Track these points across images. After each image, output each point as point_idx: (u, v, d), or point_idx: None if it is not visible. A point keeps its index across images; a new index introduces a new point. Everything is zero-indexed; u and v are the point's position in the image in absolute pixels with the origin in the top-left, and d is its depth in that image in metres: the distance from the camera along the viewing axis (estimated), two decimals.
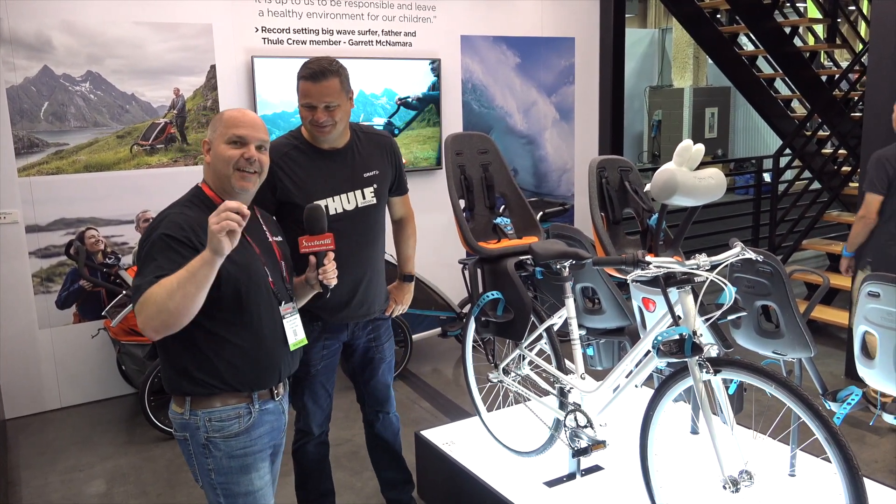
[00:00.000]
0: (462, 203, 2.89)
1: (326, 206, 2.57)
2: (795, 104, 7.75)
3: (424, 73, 5.26)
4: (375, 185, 2.69)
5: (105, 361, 4.61)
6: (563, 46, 5.98)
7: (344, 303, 2.67)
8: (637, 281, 2.42)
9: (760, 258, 2.40)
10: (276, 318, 2.08)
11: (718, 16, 6.98)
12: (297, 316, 2.17)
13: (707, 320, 2.24)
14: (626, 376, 2.50)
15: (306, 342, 2.22)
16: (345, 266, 2.61)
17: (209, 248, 1.76)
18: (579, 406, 2.62)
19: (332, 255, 2.21)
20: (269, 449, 2.11)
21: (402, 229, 2.97)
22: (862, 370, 2.48)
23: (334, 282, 2.22)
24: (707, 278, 2.14)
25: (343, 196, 2.62)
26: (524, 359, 2.89)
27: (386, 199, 2.79)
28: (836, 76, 6.61)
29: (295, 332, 2.14)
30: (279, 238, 2.23)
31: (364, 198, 2.66)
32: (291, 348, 2.14)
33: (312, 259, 2.19)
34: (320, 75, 2.44)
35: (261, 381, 2.04)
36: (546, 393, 2.85)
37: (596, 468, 2.90)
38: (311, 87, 2.45)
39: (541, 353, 2.89)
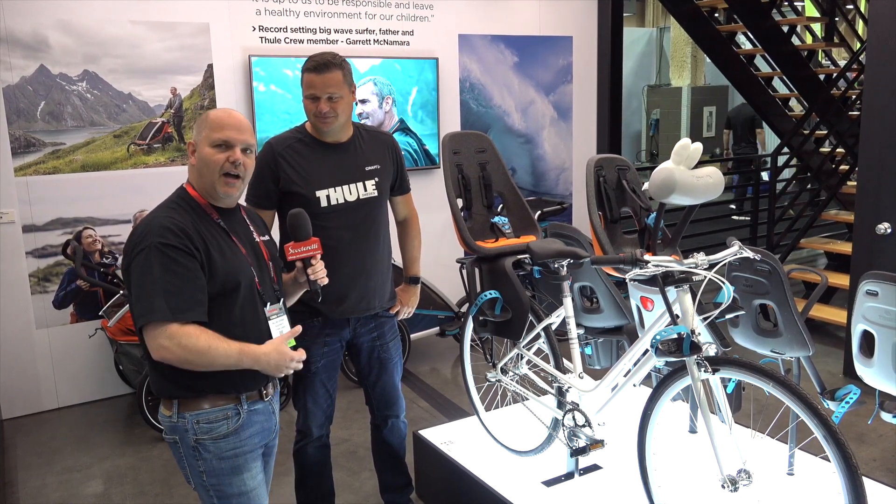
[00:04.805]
0: (460, 202, 2.88)
1: (328, 196, 2.61)
2: (793, 103, 7.75)
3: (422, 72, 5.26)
4: (377, 179, 2.72)
5: (102, 361, 4.60)
6: (560, 45, 5.97)
7: (343, 296, 2.67)
8: (635, 280, 2.41)
9: (758, 257, 2.40)
10: (262, 319, 2.04)
11: (716, 14, 6.98)
12: (285, 317, 2.12)
13: (705, 319, 2.24)
14: (625, 375, 2.50)
15: (294, 343, 2.14)
16: (343, 256, 2.61)
17: (263, 364, 1.91)
18: (577, 405, 2.62)
19: (318, 256, 2.19)
20: (260, 449, 2.09)
21: (407, 231, 2.97)
22: (860, 369, 2.48)
23: (325, 281, 2.20)
24: (705, 277, 2.13)
25: (345, 187, 2.65)
26: (522, 358, 2.88)
27: (387, 195, 2.81)
28: (834, 75, 6.60)
29: (281, 332, 2.07)
30: (266, 237, 2.19)
31: (366, 190, 2.69)
32: None
33: (299, 264, 2.18)
34: (324, 67, 2.52)
35: (246, 382, 2.01)
36: (544, 392, 2.84)
37: (594, 467, 2.90)
38: (315, 78, 2.53)
39: (539, 352, 2.89)
